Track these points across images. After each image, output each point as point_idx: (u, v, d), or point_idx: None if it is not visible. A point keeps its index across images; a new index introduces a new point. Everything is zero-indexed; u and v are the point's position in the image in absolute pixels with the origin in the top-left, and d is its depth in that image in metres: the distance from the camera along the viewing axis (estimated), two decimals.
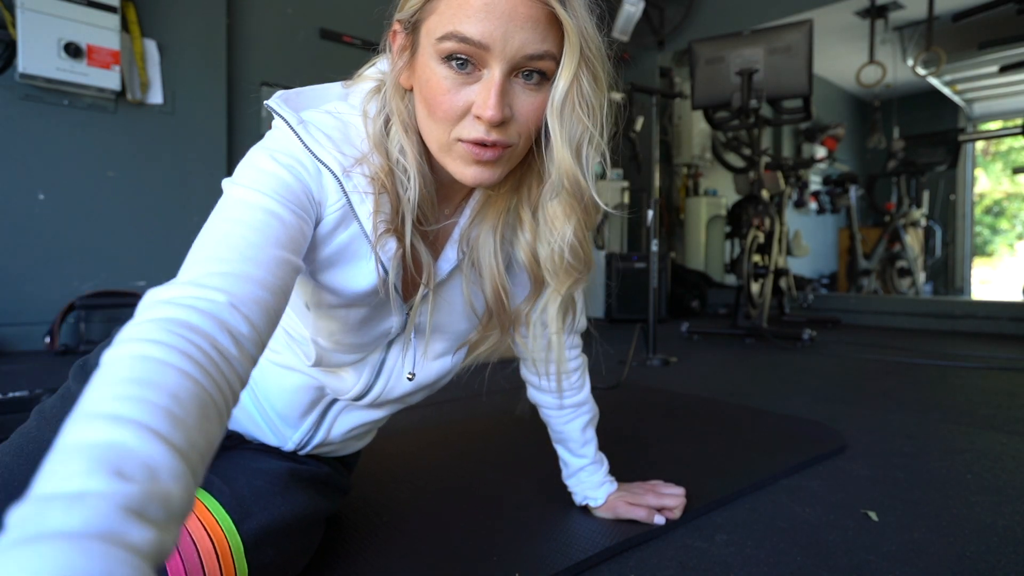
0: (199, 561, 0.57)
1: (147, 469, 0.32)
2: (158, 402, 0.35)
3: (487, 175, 0.59)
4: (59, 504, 0.28)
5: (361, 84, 0.66)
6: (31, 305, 2.50)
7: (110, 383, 0.36)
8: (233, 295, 0.46)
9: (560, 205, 0.65)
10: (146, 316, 0.43)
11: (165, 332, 0.41)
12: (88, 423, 0.33)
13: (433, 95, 0.56)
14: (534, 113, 0.58)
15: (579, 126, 0.60)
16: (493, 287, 0.70)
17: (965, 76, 6.03)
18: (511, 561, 0.77)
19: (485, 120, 0.55)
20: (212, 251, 0.49)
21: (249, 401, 0.76)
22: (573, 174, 0.61)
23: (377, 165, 0.60)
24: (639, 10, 3.24)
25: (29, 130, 2.46)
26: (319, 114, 0.61)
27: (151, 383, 0.36)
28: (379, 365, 0.73)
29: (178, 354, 0.39)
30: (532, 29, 0.54)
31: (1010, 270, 8.72)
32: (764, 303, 3.26)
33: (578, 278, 0.69)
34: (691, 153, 5.29)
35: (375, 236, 0.60)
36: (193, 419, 0.37)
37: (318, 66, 3.29)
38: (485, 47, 0.53)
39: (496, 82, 0.54)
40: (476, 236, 0.69)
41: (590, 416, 0.90)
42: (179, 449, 0.34)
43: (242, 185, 0.54)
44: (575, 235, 0.66)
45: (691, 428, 1.43)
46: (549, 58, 0.56)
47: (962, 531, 0.90)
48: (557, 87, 0.58)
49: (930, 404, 1.74)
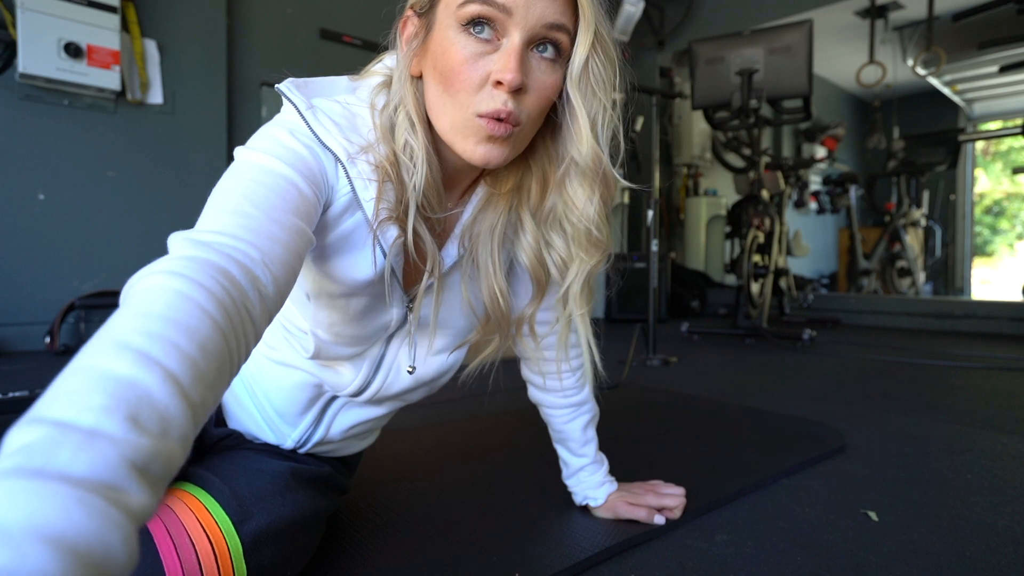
0: (197, 563, 0.56)
1: (162, 423, 0.32)
2: (187, 350, 0.35)
3: (496, 153, 0.59)
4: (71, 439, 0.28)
5: (368, 79, 0.66)
6: (31, 305, 2.50)
7: (143, 314, 0.35)
8: (264, 252, 0.45)
9: (583, 184, 0.65)
10: (184, 252, 0.42)
11: (204, 274, 0.40)
12: (114, 351, 0.33)
13: (451, 66, 0.57)
14: (547, 89, 0.59)
15: (594, 101, 0.61)
16: (490, 289, 0.70)
17: (965, 76, 6.03)
18: (511, 561, 0.77)
19: (506, 84, 0.55)
20: (237, 204, 0.48)
21: (247, 398, 0.76)
22: (595, 149, 0.63)
23: (383, 155, 0.60)
24: (639, 10, 3.24)
25: (29, 130, 2.46)
26: (328, 102, 0.61)
27: (184, 326, 0.36)
28: (378, 360, 0.73)
29: (215, 301, 0.39)
30: (552, 1, 0.56)
31: (1010, 270, 8.72)
32: (764, 303, 3.26)
33: (604, 251, 0.70)
34: (691, 153, 5.28)
35: (376, 222, 0.60)
36: (211, 375, 0.37)
37: (318, 66, 3.28)
38: (508, 11, 0.55)
39: (516, 47, 0.55)
40: (477, 234, 0.69)
41: (591, 416, 0.90)
42: (193, 405, 0.34)
43: (260, 151, 0.53)
44: (598, 212, 0.67)
45: (691, 428, 1.43)
46: (565, 32, 0.58)
47: (962, 531, 0.90)
48: (575, 61, 0.60)
49: (930, 404, 1.74)
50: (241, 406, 0.77)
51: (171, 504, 0.60)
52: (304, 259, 0.52)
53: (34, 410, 0.30)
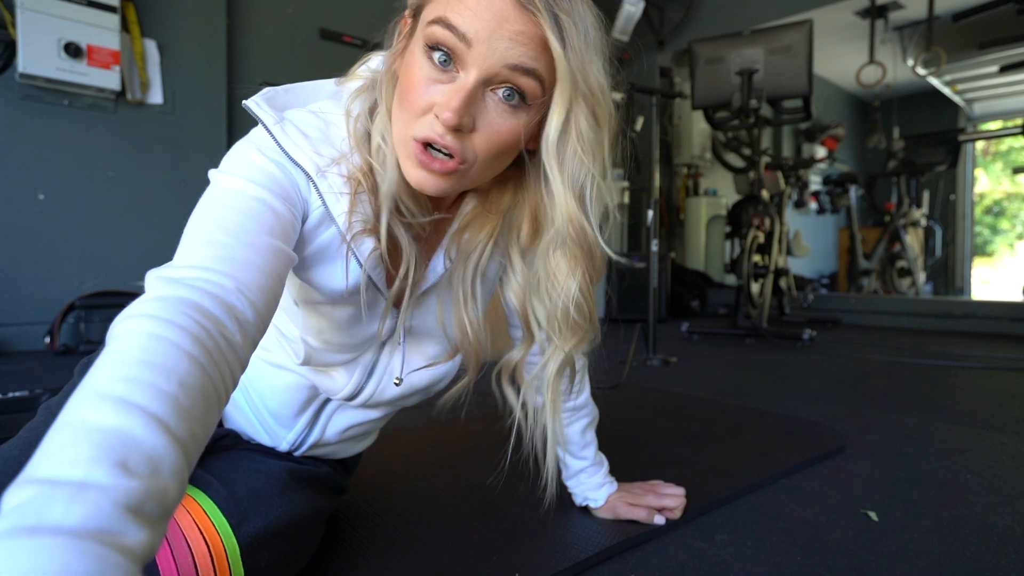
0: (193, 567, 0.56)
1: (150, 463, 0.32)
2: (167, 389, 0.36)
3: (431, 184, 0.55)
4: (62, 494, 0.29)
5: (350, 83, 0.65)
6: (31, 305, 2.50)
7: (120, 362, 0.36)
8: (239, 280, 0.46)
9: (564, 256, 0.61)
10: (156, 293, 0.42)
11: (177, 312, 0.40)
12: (96, 403, 0.33)
13: (407, 85, 0.55)
14: (500, 135, 0.55)
15: (580, 169, 0.57)
16: (458, 318, 0.67)
17: (965, 76, 6.03)
18: (511, 561, 0.77)
19: (441, 121, 0.52)
20: (210, 235, 0.48)
21: (243, 400, 0.76)
22: (577, 219, 0.58)
23: (355, 165, 0.59)
24: (639, 10, 3.24)
25: (29, 130, 2.46)
26: (302, 113, 0.60)
27: (161, 368, 0.37)
28: (371, 366, 0.72)
29: (189, 338, 0.39)
30: (521, 44, 0.52)
31: (1010, 270, 8.71)
32: (764, 303, 3.26)
33: (583, 337, 0.65)
34: (691, 153, 5.28)
35: (350, 235, 0.59)
36: (197, 409, 0.37)
37: (318, 66, 3.28)
38: (468, 41, 0.51)
39: (467, 86, 0.52)
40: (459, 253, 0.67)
41: (590, 419, 0.90)
42: (181, 442, 0.35)
43: (231, 174, 0.53)
44: (580, 289, 0.62)
45: (691, 428, 1.43)
46: (533, 77, 0.53)
47: (962, 531, 0.90)
48: (551, 125, 0.56)
49: (930, 404, 1.74)
50: (237, 407, 0.76)
51: None
52: (286, 277, 0.52)
53: (24, 472, 0.30)
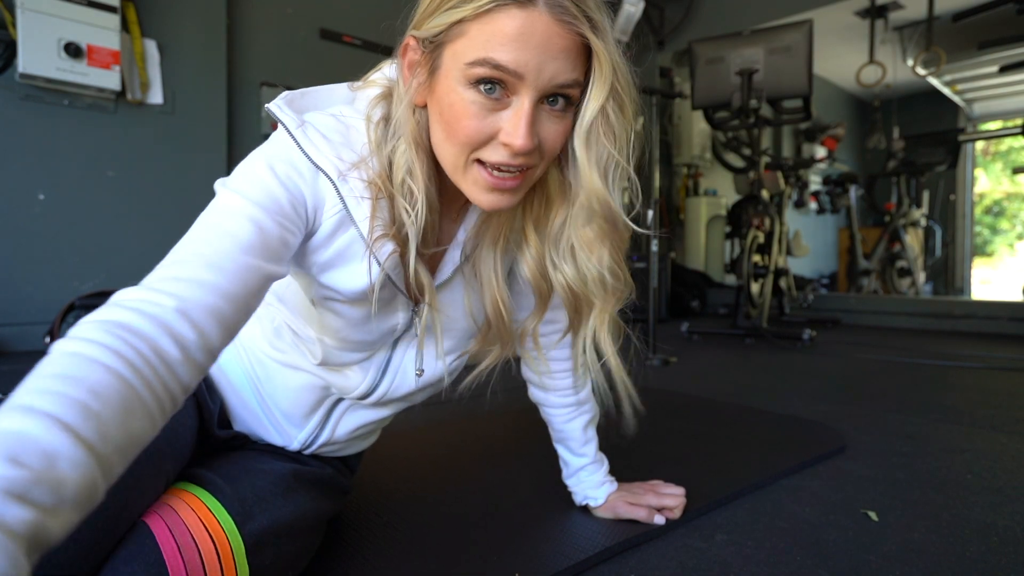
0: (200, 561, 0.57)
1: (45, 457, 0.35)
2: (75, 396, 0.38)
3: (505, 201, 0.59)
4: None
5: (367, 90, 0.66)
6: (31, 305, 2.50)
7: (36, 378, 0.39)
8: (183, 300, 0.47)
9: (594, 230, 0.65)
10: (93, 317, 0.45)
11: (103, 332, 0.43)
12: (6, 413, 0.36)
13: (457, 119, 0.56)
14: (559, 139, 0.59)
15: (605, 151, 0.61)
16: (492, 300, 0.71)
17: (965, 76, 6.03)
18: (511, 561, 0.77)
19: (515, 149, 0.55)
20: (179, 256, 0.50)
21: (254, 402, 0.77)
22: (604, 198, 0.62)
23: (375, 170, 0.60)
24: (639, 10, 3.23)
25: (29, 130, 2.46)
26: (323, 116, 0.61)
27: (72, 378, 0.39)
28: (385, 363, 0.74)
29: (110, 353, 0.41)
30: (565, 59, 0.55)
31: (1010, 270, 8.71)
32: (764, 303, 3.26)
33: (621, 296, 0.70)
34: (691, 153, 5.28)
35: (371, 239, 0.60)
36: (111, 413, 0.39)
37: (318, 66, 3.29)
38: (519, 76, 0.54)
39: (526, 111, 0.55)
40: (479, 243, 0.70)
41: (591, 415, 0.90)
42: (85, 439, 0.37)
43: (230, 189, 0.55)
44: (612, 258, 0.67)
45: (691, 428, 1.43)
46: (576, 85, 0.57)
47: (962, 531, 0.90)
48: (584, 115, 0.59)
49: (930, 404, 1.74)
50: (247, 408, 0.77)
51: (174, 504, 0.60)
52: (260, 293, 0.53)
53: None
